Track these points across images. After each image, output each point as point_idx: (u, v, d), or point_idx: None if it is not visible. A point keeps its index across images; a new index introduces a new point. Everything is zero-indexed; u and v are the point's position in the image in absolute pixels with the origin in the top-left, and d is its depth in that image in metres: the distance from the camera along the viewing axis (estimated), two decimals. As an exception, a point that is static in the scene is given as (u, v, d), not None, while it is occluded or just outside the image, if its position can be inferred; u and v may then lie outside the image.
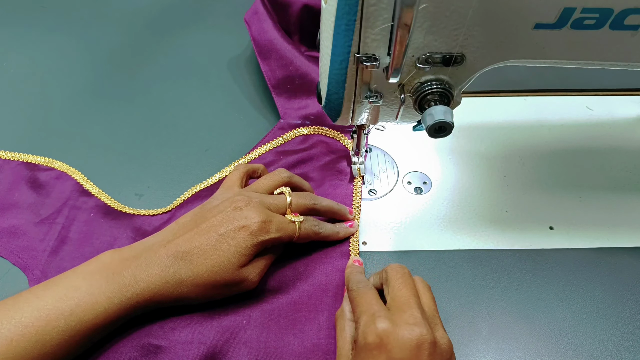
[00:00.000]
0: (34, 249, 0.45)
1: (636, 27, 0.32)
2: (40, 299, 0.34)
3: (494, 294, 0.43)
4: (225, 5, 0.73)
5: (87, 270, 0.36)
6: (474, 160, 0.53)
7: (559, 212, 0.49)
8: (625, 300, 0.43)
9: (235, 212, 0.38)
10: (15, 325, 0.32)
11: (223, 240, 0.37)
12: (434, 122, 0.34)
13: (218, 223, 0.38)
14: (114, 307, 0.35)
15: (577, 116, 0.58)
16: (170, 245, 0.37)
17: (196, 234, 0.38)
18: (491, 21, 0.32)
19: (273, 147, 0.54)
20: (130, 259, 0.37)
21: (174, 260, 0.37)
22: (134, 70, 0.63)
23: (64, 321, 0.33)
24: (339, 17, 0.31)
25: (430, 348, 0.31)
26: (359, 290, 0.36)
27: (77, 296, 0.34)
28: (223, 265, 0.37)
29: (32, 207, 0.48)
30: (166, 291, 0.37)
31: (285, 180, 0.44)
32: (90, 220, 0.47)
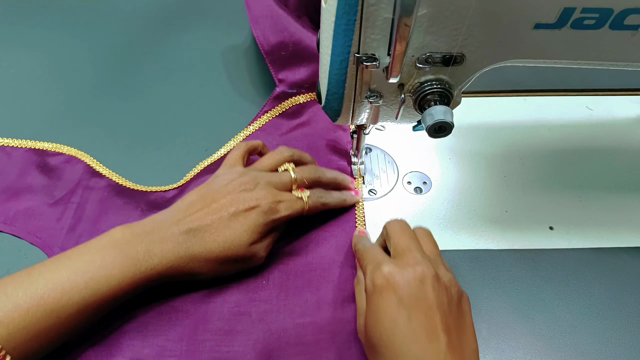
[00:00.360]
0: (51, 228, 0.46)
1: (636, 27, 0.32)
2: (54, 272, 0.35)
3: (494, 294, 0.43)
4: (225, 4, 0.73)
5: (100, 245, 0.37)
6: (474, 160, 0.53)
7: (559, 212, 0.49)
8: (625, 300, 0.43)
9: (245, 194, 0.40)
10: (31, 297, 0.33)
11: (235, 219, 0.39)
12: (434, 122, 0.34)
13: (229, 203, 0.40)
14: (127, 280, 0.36)
15: (577, 116, 0.58)
16: (182, 222, 0.39)
17: (207, 213, 0.39)
18: (491, 21, 0.32)
19: (271, 118, 0.56)
20: (142, 234, 0.38)
21: (186, 237, 0.38)
22: (133, 70, 0.63)
23: (78, 293, 0.35)
24: (339, 17, 0.31)
25: (433, 281, 0.33)
26: (365, 247, 0.39)
27: (92, 270, 0.35)
28: (234, 241, 0.39)
29: (46, 190, 0.49)
30: (179, 265, 0.38)
31: (287, 158, 0.45)
32: (104, 198, 0.48)
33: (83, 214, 0.47)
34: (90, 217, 0.47)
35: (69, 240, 0.45)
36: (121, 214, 0.47)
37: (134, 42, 0.67)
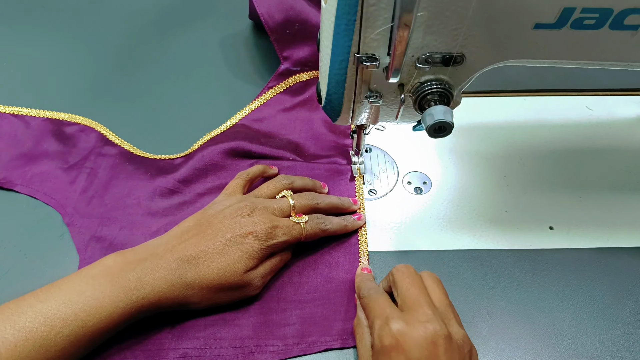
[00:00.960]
0: (65, 190, 0.49)
1: (636, 27, 0.32)
2: (44, 303, 0.34)
3: (494, 294, 0.43)
4: (226, 4, 0.73)
5: (91, 274, 0.36)
6: (474, 160, 0.53)
7: (559, 212, 0.49)
8: (625, 300, 0.43)
9: (241, 219, 0.39)
10: (19, 330, 0.32)
11: (230, 245, 0.38)
12: (434, 122, 0.34)
13: (225, 229, 0.39)
14: (118, 311, 0.35)
15: (577, 116, 0.58)
16: (176, 249, 0.38)
17: (202, 238, 0.38)
18: (491, 21, 0.32)
19: (275, 94, 0.58)
20: (135, 262, 0.37)
21: (180, 264, 0.37)
22: (133, 70, 0.63)
23: (68, 326, 0.33)
24: (339, 17, 0.31)
25: (445, 343, 0.32)
26: (371, 296, 0.37)
27: (82, 300, 0.34)
28: (229, 268, 0.38)
29: (60, 156, 0.52)
30: (171, 294, 0.37)
31: (285, 185, 0.45)
32: (115, 164, 0.51)
33: (95, 178, 0.50)
34: (102, 180, 0.50)
35: (81, 202, 0.48)
36: (131, 178, 0.50)
37: (134, 43, 0.67)
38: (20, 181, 0.50)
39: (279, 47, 0.58)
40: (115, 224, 0.47)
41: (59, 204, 0.48)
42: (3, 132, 0.54)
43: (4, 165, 0.51)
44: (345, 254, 0.45)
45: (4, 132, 0.54)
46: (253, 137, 0.53)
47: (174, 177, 0.50)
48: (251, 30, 0.69)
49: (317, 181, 0.48)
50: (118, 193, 0.49)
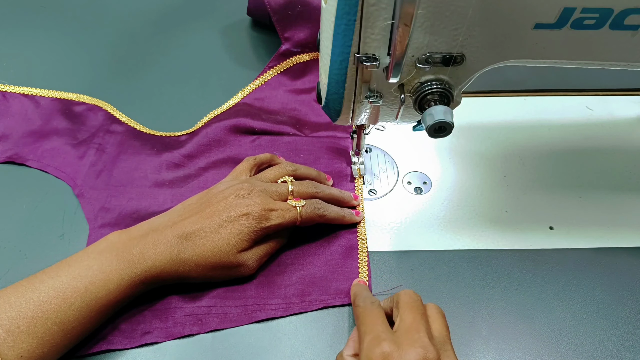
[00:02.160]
0: (75, 164, 0.51)
1: (636, 27, 0.32)
2: (55, 279, 0.36)
3: (494, 294, 0.43)
4: (226, 4, 0.73)
5: (98, 250, 0.38)
6: (474, 160, 0.53)
7: (559, 212, 0.49)
8: (625, 300, 0.43)
9: (238, 199, 0.40)
10: (33, 304, 0.34)
11: (225, 225, 0.39)
12: (434, 122, 0.34)
13: (222, 209, 0.40)
14: (124, 283, 0.37)
15: (577, 116, 0.58)
16: (176, 226, 0.40)
17: (200, 217, 0.40)
18: (491, 21, 0.32)
19: (276, 73, 0.60)
20: (138, 237, 0.39)
21: (178, 240, 0.39)
22: (133, 70, 0.63)
23: (79, 298, 0.35)
24: (339, 17, 0.31)
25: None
26: (365, 307, 0.36)
27: (90, 274, 0.36)
28: (223, 248, 0.39)
29: (70, 133, 0.54)
30: (170, 269, 0.39)
31: (289, 172, 0.46)
32: (123, 141, 0.54)
33: (104, 153, 0.52)
34: (110, 155, 0.52)
35: (90, 175, 0.50)
36: (138, 153, 0.52)
37: (134, 43, 0.67)
38: (32, 156, 0.52)
39: (280, 27, 0.59)
40: (124, 195, 0.49)
41: (69, 177, 0.50)
42: (14, 111, 0.56)
43: (16, 142, 0.53)
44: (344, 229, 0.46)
45: (15, 111, 0.56)
46: (255, 114, 0.55)
47: (180, 152, 0.52)
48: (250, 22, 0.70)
49: (323, 173, 0.49)
50: (126, 167, 0.51)
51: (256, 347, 0.40)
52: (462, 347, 0.40)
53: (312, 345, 0.40)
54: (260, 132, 0.54)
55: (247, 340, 0.40)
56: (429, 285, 0.43)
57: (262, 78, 0.60)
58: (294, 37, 0.59)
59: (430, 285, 0.43)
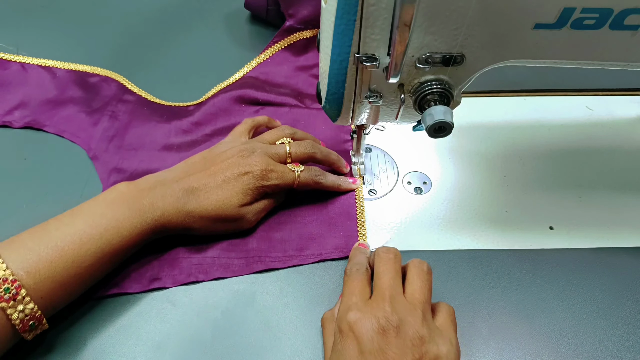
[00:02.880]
0: (89, 130, 0.55)
1: (636, 27, 0.32)
2: (70, 226, 0.38)
3: (494, 294, 0.43)
4: (226, 4, 0.73)
5: (109, 199, 0.40)
6: (474, 160, 0.53)
7: (559, 212, 0.49)
8: (625, 300, 0.43)
9: (240, 159, 0.43)
10: (52, 249, 0.36)
11: (228, 182, 0.42)
12: (433, 122, 0.34)
13: (225, 167, 0.43)
14: (136, 231, 0.40)
15: (577, 116, 0.58)
16: (182, 181, 0.42)
17: (205, 174, 0.43)
18: (491, 21, 0.32)
19: (280, 48, 0.63)
20: (147, 189, 0.41)
21: (185, 193, 0.42)
22: (133, 70, 0.63)
23: (95, 244, 0.37)
24: (339, 17, 0.31)
25: (395, 334, 0.32)
26: (351, 274, 0.39)
27: (104, 222, 0.38)
28: (225, 201, 0.42)
29: (84, 101, 0.57)
30: (177, 219, 0.41)
31: (287, 134, 0.48)
32: (135, 109, 0.57)
33: (116, 120, 0.56)
34: (122, 122, 0.55)
35: (104, 140, 0.54)
36: (149, 120, 0.56)
37: (134, 43, 0.67)
38: (48, 122, 0.55)
39: (284, 4, 0.62)
40: (135, 158, 0.52)
41: (84, 142, 0.54)
42: (31, 81, 0.59)
43: (33, 109, 0.56)
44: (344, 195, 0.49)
45: (32, 81, 0.59)
46: (259, 86, 0.59)
47: (188, 120, 0.56)
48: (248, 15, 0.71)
49: (319, 140, 0.51)
50: (137, 133, 0.54)
51: (256, 347, 0.40)
52: (462, 347, 0.40)
53: (312, 345, 0.40)
54: (264, 103, 0.57)
55: (247, 340, 0.40)
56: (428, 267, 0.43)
57: (267, 53, 0.63)
58: (297, 14, 0.62)
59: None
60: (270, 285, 0.43)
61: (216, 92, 0.59)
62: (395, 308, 0.34)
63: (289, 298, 0.43)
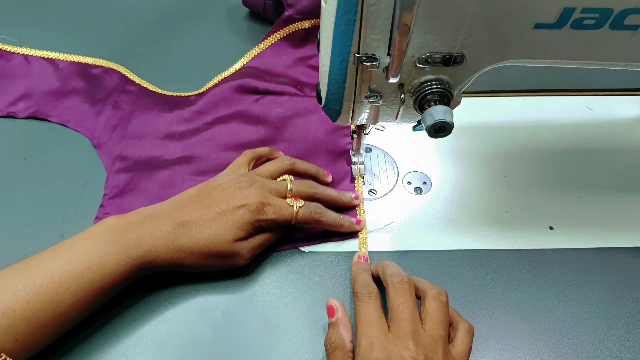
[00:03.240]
0: (92, 119, 0.56)
1: (636, 27, 0.32)
2: (52, 262, 0.36)
3: (494, 294, 0.43)
4: (225, 4, 0.73)
5: (94, 235, 0.38)
6: (474, 160, 0.53)
7: (559, 212, 0.49)
8: (625, 300, 0.43)
9: (237, 192, 0.41)
10: (30, 287, 0.34)
11: (222, 215, 0.40)
12: (434, 122, 0.34)
13: (220, 199, 0.41)
14: (120, 268, 0.37)
15: (577, 116, 0.58)
16: (174, 214, 0.40)
17: (199, 207, 0.41)
18: (491, 21, 0.32)
19: (279, 38, 0.63)
20: (135, 223, 0.39)
21: (175, 227, 0.39)
22: (133, 64, 0.64)
23: (75, 282, 0.35)
24: (339, 17, 0.31)
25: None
26: (363, 299, 0.37)
27: (87, 259, 0.36)
28: (219, 236, 0.40)
29: (87, 92, 0.58)
30: (166, 255, 0.39)
31: (287, 166, 0.47)
32: (137, 99, 0.58)
33: (119, 110, 0.57)
34: (125, 112, 0.56)
35: (107, 129, 0.55)
36: (151, 110, 0.57)
37: (134, 43, 0.67)
38: (53, 112, 0.56)
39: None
40: (138, 147, 0.53)
41: (87, 131, 0.55)
42: (34, 73, 0.60)
43: (37, 100, 0.57)
44: None
45: (35, 73, 0.60)
46: (259, 76, 0.59)
47: (190, 109, 0.57)
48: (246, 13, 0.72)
49: (321, 169, 0.50)
50: (140, 122, 0.55)
51: (256, 347, 0.40)
52: (462, 347, 0.40)
53: (312, 345, 0.40)
54: (264, 92, 0.58)
55: (247, 340, 0.40)
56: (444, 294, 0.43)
57: (266, 42, 0.63)
58: (297, 5, 0.62)
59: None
60: (270, 285, 0.43)
61: (217, 82, 0.60)
62: (419, 345, 0.33)
63: (289, 298, 0.43)
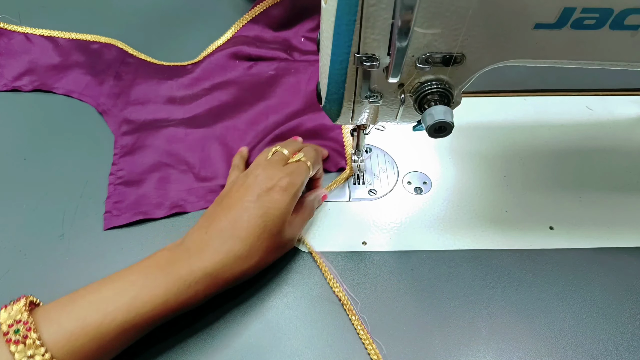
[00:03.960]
0: (96, 89, 0.59)
1: (636, 27, 0.32)
2: (96, 294, 0.35)
3: (494, 294, 0.43)
4: (224, 4, 0.73)
5: (143, 266, 0.37)
6: (474, 160, 0.53)
7: (559, 212, 0.49)
8: (625, 300, 0.43)
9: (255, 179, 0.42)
10: (75, 319, 0.33)
11: (260, 201, 0.40)
12: (434, 122, 0.34)
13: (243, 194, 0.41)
14: (172, 298, 0.36)
15: (577, 116, 0.58)
16: (211, 228, 0.39)
17: (228, 212, 0.40)
18: (491, 21, 0.32)
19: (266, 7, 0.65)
20: (182, 251, 0.38)
21: (221, 238, 0.38)
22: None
23: (121, 315, 0.34)
24: (339, 17, 0.31)
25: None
26: None
27: (134, 289, 0.35)
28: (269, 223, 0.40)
29: (88, 65, 0.62)
30: (226, 271, 0.38)
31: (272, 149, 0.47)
32: (137, 69, 0.61)
33: (121, 80, 0.60)
34: (127, 81, 0.60)
35: (111, 97, 0.58)
36: (151, 78, 0.60)
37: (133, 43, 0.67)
38: (57, 85, 0.60)
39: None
40: (142, 111, 0.56)
41: (92, 99, 0.58)
42: (35, 50, 0.63)
43: (40, 74, 0.60)
44: None
45: (36, 50, 0.63)
46: (250, 43, 0.63)
47: (189, 76, 0.60)
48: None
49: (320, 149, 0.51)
50: (142, 89, 0.59)
51: (256, 347, 0.40)
52: (462, 347, 0.40)
53: (312, 345, 0.40)
54: (256, 58, 0.62)
55: (247, 340, 0.40)
56: (429, 285, 0.43)
57: (253, 11, 0.66)
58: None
59: (430, 285, 0.43)
60: (271, 285, 0.43)
61: (212, 51, 0.63)
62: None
63: (289, 298, 0.43)
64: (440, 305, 0.42)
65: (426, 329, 0.41)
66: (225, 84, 0.59)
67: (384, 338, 0.40)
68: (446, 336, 0.40)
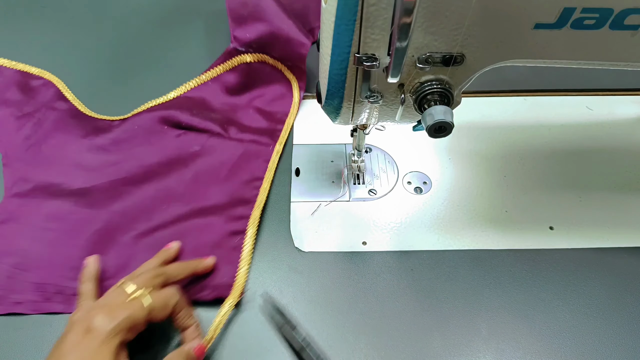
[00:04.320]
0: (12, 134, 0.56)
1: (636, 27, 0.32)
2: None
3: (494, 294, 0.43)
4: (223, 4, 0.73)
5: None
6: (473, 160, 0.53)
7: (559, 212, 0.49)
8: (625, 300, 0.43)
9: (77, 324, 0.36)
10: None
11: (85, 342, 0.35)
12: (434, 122, 0.34)
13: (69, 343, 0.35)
14: None
15: (577, 116, 0.58)
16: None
17: None
18: (491, 21, 0.32)
19: (221, 72, 0.62)
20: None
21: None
22: (132, 69, 0.63)
23: None
24: (339, 17, 0.31)
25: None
26: None
27: None
28: None
29: (18, 105, 0.59)
30: None
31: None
32: (60, 118, 0.57)
33: (40, 128, 0.56)
34: (44, 131, 0.56)
35: (22, 147, 0.55)
36: (69, 133, 0.56)
37: (133, 42, 0.67)
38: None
39: (232, 26, 0.62)
40: (45, 171, 0.53)
41: (3, 145, 0.55)
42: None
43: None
44: None
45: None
46: (185, 108, 0.57)
47: (108, 137, 0.55)
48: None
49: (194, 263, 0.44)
50: (54, 145, 0.55)
51: (256, 347, 0.40)
52: (462, 347, 0.40)
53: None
54: (186, 127, 0.56)
55: (247, 340, 0.40)
56: (429, 285, 0.43)
57: (208, 74, 0.62)
58: (242, 37, 0.62)
59: (430, 285, 0.43)
60: (270, 285, 0.43)
61: (143, 110, 0.58)
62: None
63: (289, 298, 0.43)
64: (440, 305, 0.42)
65: (426, 329, 0.41)
66: (143, 151, 0.54)
67: (384, 338, 0.40)
68: (446, 336, 0.40)
